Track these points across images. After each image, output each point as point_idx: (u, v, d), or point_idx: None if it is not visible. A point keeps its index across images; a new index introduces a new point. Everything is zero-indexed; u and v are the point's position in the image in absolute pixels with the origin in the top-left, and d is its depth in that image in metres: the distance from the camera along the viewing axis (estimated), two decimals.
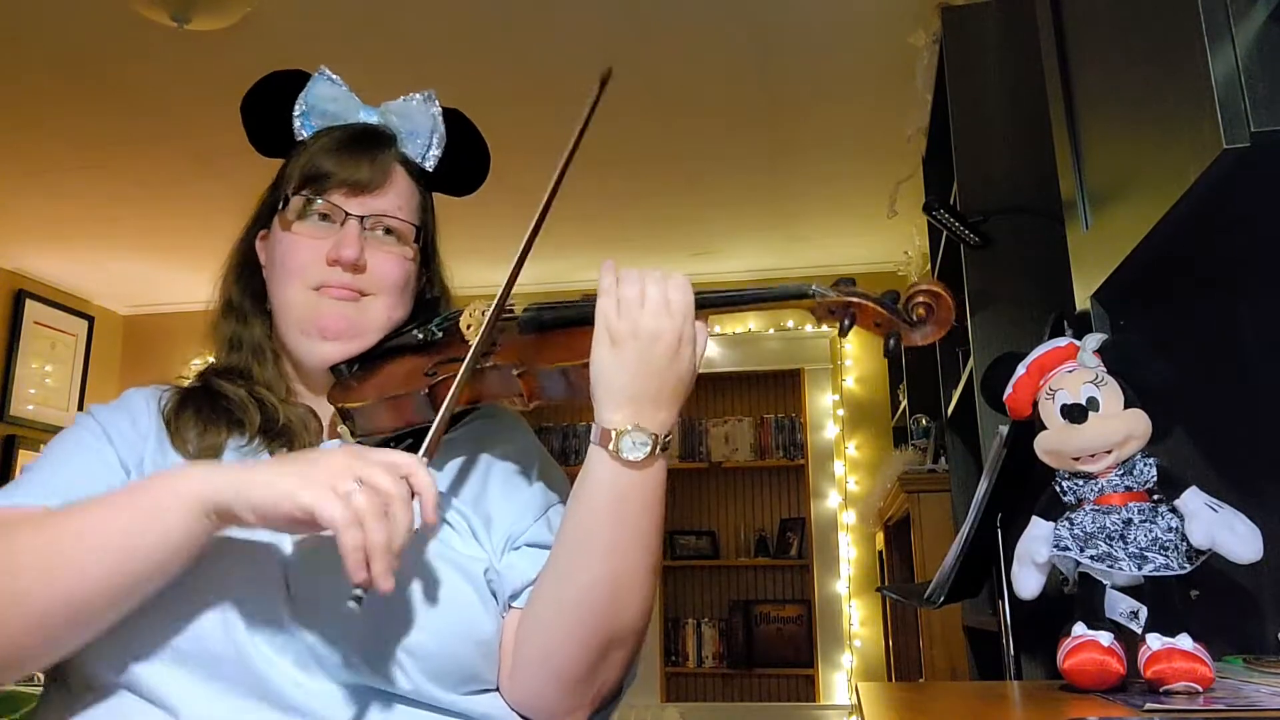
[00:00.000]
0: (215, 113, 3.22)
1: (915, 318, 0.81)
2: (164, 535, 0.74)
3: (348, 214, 0.94)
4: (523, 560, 0.90)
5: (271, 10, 2.61)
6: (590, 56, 2.87)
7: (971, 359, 2.11)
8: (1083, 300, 1.14)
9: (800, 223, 4.35)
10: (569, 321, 0.89)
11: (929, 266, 3.02)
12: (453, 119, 1.05)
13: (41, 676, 0.86)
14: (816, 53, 2.90)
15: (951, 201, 2.23)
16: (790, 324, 4.99)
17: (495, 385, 0.89)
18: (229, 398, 0.94)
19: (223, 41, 2.72)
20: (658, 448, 0.81)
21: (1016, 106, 2.10)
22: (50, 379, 4.90)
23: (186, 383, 0.99)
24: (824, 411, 4.96)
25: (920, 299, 0.81)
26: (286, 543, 0.84)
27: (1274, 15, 0.72)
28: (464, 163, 1.06)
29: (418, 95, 1.03)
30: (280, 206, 0.96)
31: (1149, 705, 0.75)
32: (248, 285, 1.02)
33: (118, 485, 0.88)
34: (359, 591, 0.71)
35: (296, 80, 1.02)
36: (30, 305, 4.78)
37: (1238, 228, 0.96)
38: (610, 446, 0.81)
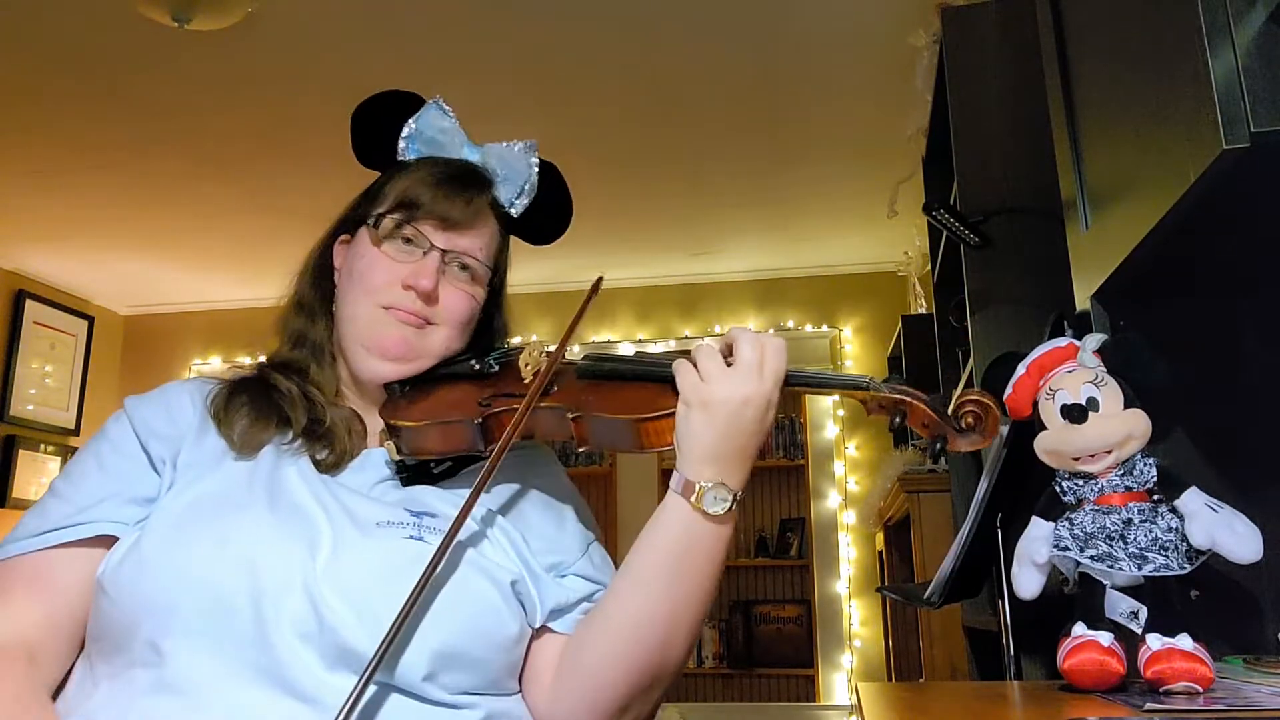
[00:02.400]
0: (216, 113, 3.23)
1: (963, 425, 0.85)
2: None
3: (433, 245, 0.98)
4: (571, 584, 0.95)
5: (272, 10, 2.61)
6: (592, 57, 2.88)
7: (971, 359, 2.11)
8: (1083, 300, 1.14)
9: (800, 223, 4.35)
10: (624, 376, 0.93)
11: (929, 266, 3.02)
12: (546, 172, 1.08)
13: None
14: (817, 53, 2.90)
15: (951, 201, 2.23)
16: (790, 324, 4.99)
17: (548, 425, 0.93)
18: (281, 392, 0.97)
19: (224, 41, 2.72)
20: (734, 503, 0.86)
21: (1016, 106, 2.10)
22: (50, 379, 4.90)
23: (237, 374, 1.02)
24: (824, 411, 4.96)
25: (969, 408, 0.85)
26: (321, 531, 0.85)
27: (1274, 15, 0.72)
28: (548, 215, 1.10)
29: (520, 144, 1.07)
30: (371, 222, 0.99)
31: (1149, 705, 0.75)
32: (319, 286, 1.04)
33: (134, 492, 0.90)
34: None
35: (408, 101, 1.06)
36: (30, 305, 4.78)
37: (1238, 228, 0.96)
38: (693, 499, 0.85)
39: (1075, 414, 0.90)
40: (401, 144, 1.04)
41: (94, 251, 4.56)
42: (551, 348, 0.96)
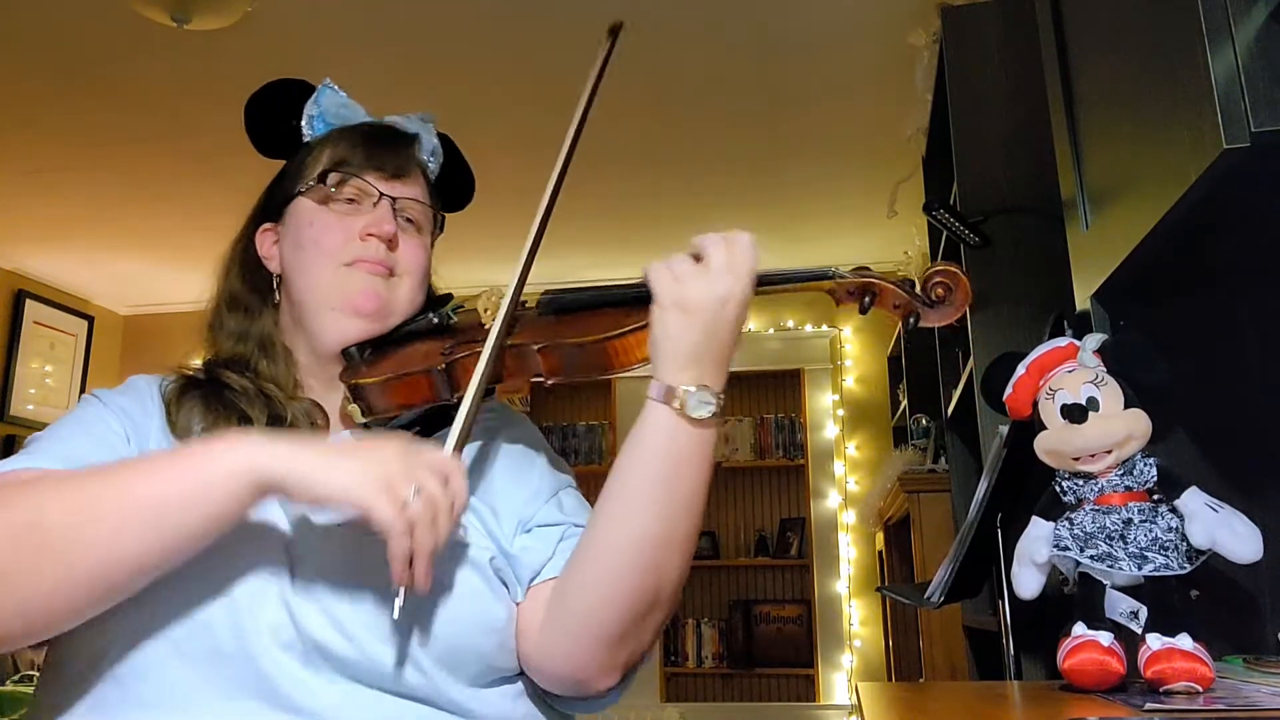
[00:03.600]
0: (215, 112, 3.22)
1: (933, 298, 0.86)
2: (209, 508, 0.75)
3: (381, 194, 0.97)
4: (536, 541, 0.91)
5: (271, 10, 2.61)
6: (590, 56, 2.87)
7: (971, 359, 2.11)
8: (1083, 300, 1.14)
9: (800, 223, 4.35)
10: (586, 304, 0.92)
11: (929, 267, 3.02)
12: (445, 143, 1.10)
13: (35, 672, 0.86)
14: (816, 53, 2.90)
15: (951, 201, 2.23)
16: (790, 324, 4.99)
17: (516, 363, 0.90)
18: (234, 389, 0.94)
19: (223, 41, 2.72)
20: (718, 406, 0.83)
21: (1016, 106, 2.10)
22: (50, 379, 4.90)
23: (187, 372, 0.99)
24: (824, 411, 4.96)
25: (938, 279, 0.85)
26: (291, 538, 0.84)
27: (1274, 15, 0.72)
28: (456, 181, 1.11)
29: (417, 115, 1.07)
30: (306, 190, 0.98)
31: (1149, 705, 0.75)
32: (251, 280, 1.02)
33: (118, 456, 0.87)
34: (399, 596, 0.75)
35: (300, 88, 1.06)
36: (30, 305, 4.78)
37: (1238, 228, 0.96)
38: (675, 404, 0.82)
39: (1075, 414, 0.90)
40: (305, 126, 1.04)
41: (94, 251, 4.56)
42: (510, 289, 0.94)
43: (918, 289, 0.85)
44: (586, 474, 4.94)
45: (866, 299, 0.86)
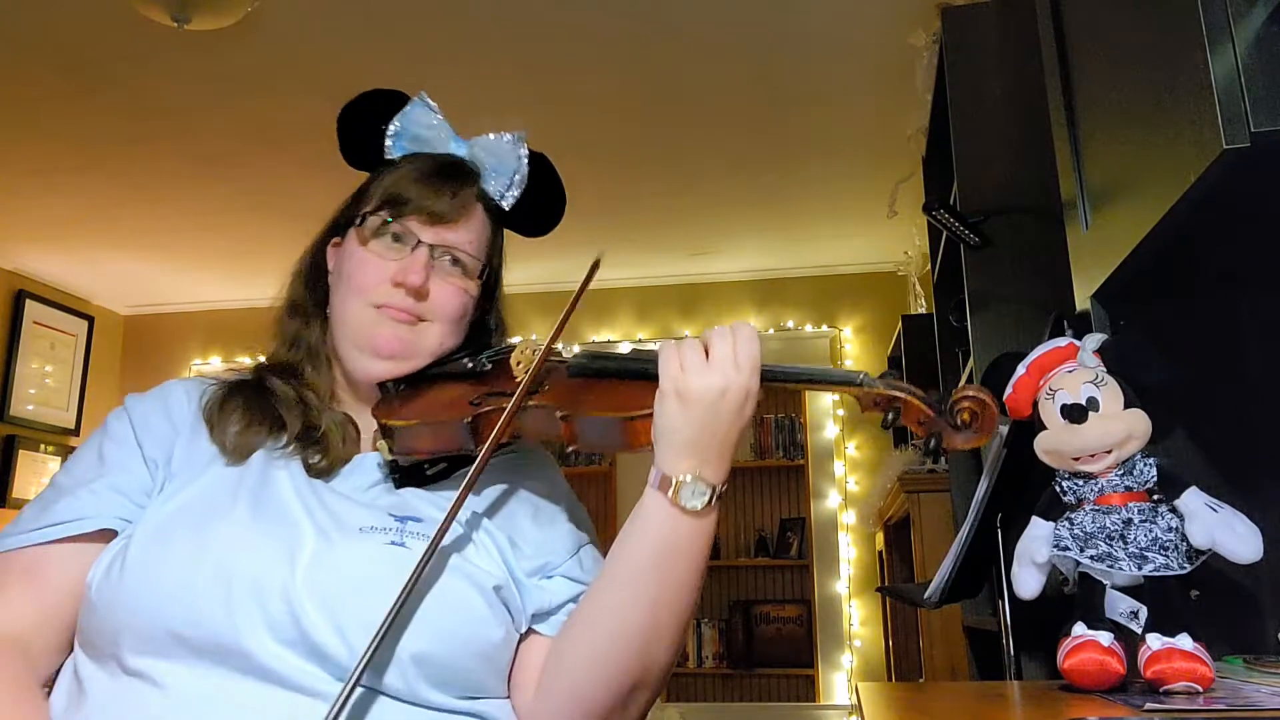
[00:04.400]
0: (215, 113, 3.23)
1: (959, 422, 0.82)
2: None
3: (420, 241, 0.97)
4: (554, 587, 0.93)
5: (271, 10, 2.61)
6: (592, 57, 2.88)
7: (971, 359, 2.11)
8: (1083, 300, 1.14)
9: (800, 223, 4.35)
10: (616, 374, 0.92)
11: (929, 266, 3.02)
12: (537, 162, 1.07)
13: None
14: (816, 53, 2.90)
15: (951, 201, 2.23)
16: (790, 324, 4.99)
17: (537, 424, 0.91)
18: (277, 395, 0.97)
19: (223, 41, 2.72)
20: (714, 498, 0.83)
21: (1016, 106, 2.10)
22: (50, 379, 4.90)
23: (233, 376, 1.01)
24: (824, 411, 4.96)
25: (966, 404, 0.82)
26: (303, 538, 0.85)
27: (1274, 15, 0.72)
28: (541, 206, 1.08)
29: (509, 135, 1.05)
30: (358, 222, 0.99)
31: (1149, 705, 0.75)
32: (313, 288, 1.04)
33: (132, 488, 0.90)
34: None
35: (394, 100, 1.05)
36: (30, 305, 4.78)
37: (1238, 228, 0.96)
38: (670, 494, 0.82)
39: (1075, 414, 0.90)
40: (388, 142, 1.03)
41: (94, 251, 4.56)
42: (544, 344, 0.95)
43: (945, 408, 0.82)
44: (587, 474, 4.97)
45: (890, 414, 0.83)
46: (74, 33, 2.76)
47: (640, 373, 0.89)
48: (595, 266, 1.00)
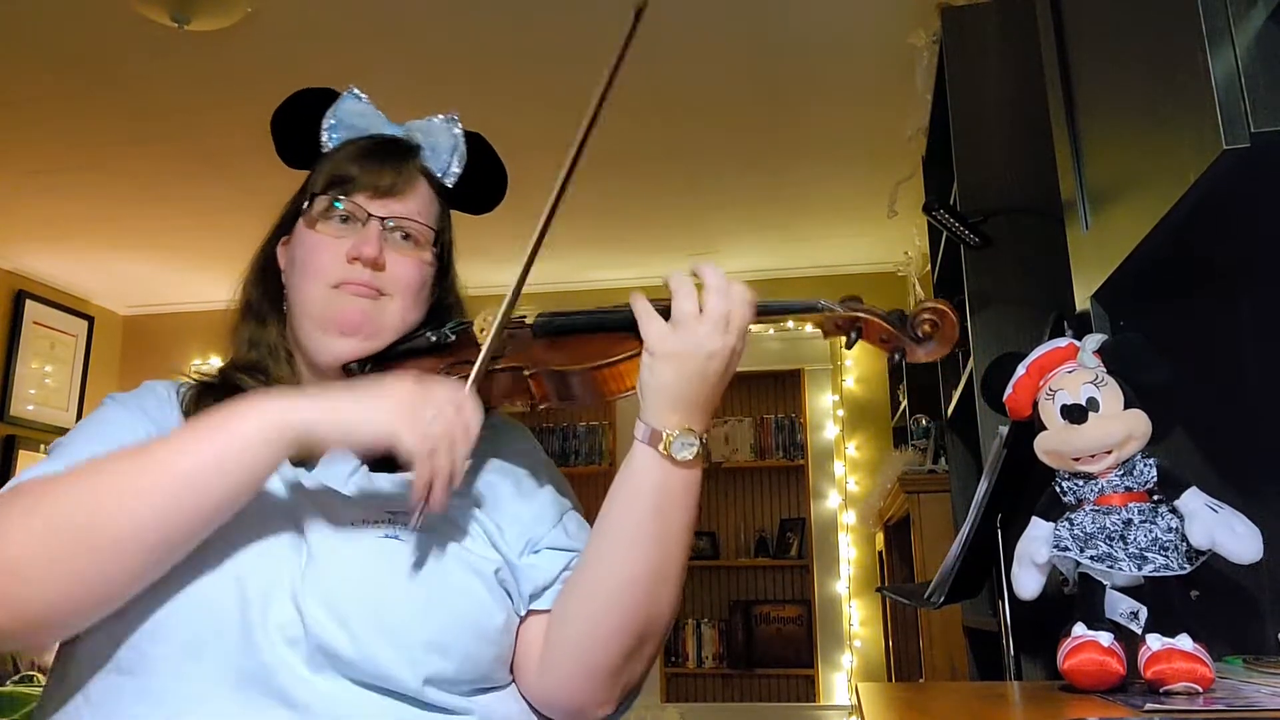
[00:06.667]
0: (215, 113, 3.23)
1: (920, 334, 0.85)
2: (244, 469, 0.79)
3: (370, 214, 0.97)
4: (544, 561, 0.94)
5: (271, 10, 2.61)
6: (591, 55, 2.87)
7: (971, 359, 2.11)
8: (1083, 300, 1.14)
9: (800, 223, 4.35)
10: (581, 328, 0.92)
11: (929, 267, 3.02)
12: (474, 141, 1.08)
13: (40, 677, 0.87)
14: (816, 53, 2.90)
15: (951, 201, 2.23)
16: (790, 324, 4.98)
17: (507, 386, 0.92)
18: (246, 392, 0.95)
19: (223, 41, 2.72)
20: (701, 448, 0.86)
21: (1016, 106, 2.10)
22: (50, 379, 4.90)
23: (203, 377, 1.01)
24: (824, 412, 4.96)
25: (926, 316, 0.84)
26: (305, 537, 0.85)
27: (1274, 15, 0.72)
28: (482, 182, 1.09)
29: (440, 116, 1.06)
30: (305, 208, 0.99)
31: (1149, 706, 0.75)
32: (266, 289, 1.04)
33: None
34: (418, 517, 0.82)
35: (325, 97, 1.06)
36: (30, 305, 4.78)
37: (1237, 228, 0.96)
38: (661, 447, 0.85)
39: (1075, 414, 0.90)
40: (324, 136, 1.04)
41: (94, 251, 4.56)
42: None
43: (906, 323, 0.85)
44: (587, 474, 4.96)
45: (853, 333, 0.86)
46: (74, 33, 2.76)
47: (602, 324, 0.91)
48: (639, 16, 1.04)
